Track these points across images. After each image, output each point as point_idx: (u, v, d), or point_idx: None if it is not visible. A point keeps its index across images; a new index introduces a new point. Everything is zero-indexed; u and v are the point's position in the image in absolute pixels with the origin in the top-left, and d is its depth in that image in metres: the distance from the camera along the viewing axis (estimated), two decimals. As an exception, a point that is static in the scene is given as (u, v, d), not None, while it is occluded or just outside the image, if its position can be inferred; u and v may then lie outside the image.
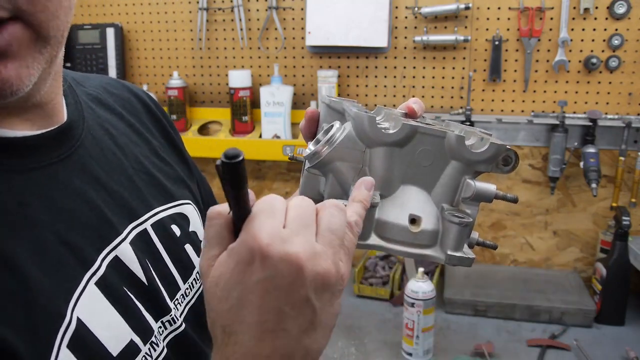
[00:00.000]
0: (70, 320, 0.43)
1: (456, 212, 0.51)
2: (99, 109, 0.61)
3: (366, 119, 0.49)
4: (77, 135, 0.52)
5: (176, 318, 0.56)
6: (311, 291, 0.38)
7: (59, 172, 0.48)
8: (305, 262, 0.37)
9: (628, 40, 1.57)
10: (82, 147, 0.52)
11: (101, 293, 0.47)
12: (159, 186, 0.62)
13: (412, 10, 1.69)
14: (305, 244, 0.38)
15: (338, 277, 0.40)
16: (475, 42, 1.68)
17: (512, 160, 0.52)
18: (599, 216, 1.70)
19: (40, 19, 0.42)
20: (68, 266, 0.45)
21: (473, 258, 0.51)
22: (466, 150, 0.51)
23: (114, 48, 1.91)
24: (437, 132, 0.50)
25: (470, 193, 0.52)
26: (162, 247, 0.58)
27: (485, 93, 1.71)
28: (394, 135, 0.49)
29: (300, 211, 0.41)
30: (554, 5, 1.60)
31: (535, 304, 1.54)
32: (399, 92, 1.78)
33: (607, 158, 1.64)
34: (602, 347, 1.41)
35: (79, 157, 0.51)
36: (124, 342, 0.48)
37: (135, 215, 0.56)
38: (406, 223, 0.51)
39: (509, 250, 1.79)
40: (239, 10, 1.80)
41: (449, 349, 1.41)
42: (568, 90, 1.65)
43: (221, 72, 1.91)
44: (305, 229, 0.39)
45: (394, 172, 0.51)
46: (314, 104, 1.79)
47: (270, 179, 1.94)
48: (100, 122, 0.59)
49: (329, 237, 0.40)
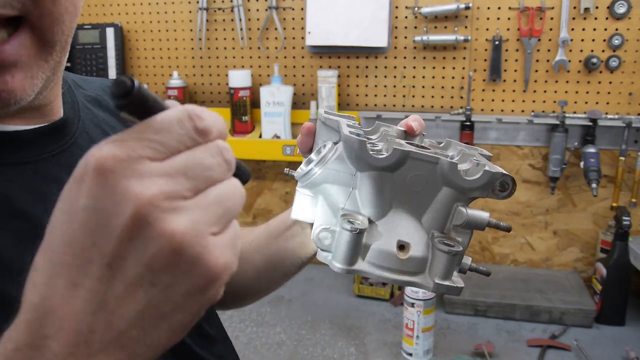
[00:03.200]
0: None
1: (446, 240, 0.50)
2: (97, 110, 0.61)
3: (356, 143, 0.48)
4: (71, 133, 0.53)
5: None
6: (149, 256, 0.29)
7: (49, 167, 0.49)
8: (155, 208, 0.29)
9: (628, 40, 1.57)
10: (75, 144, 0.53)
11: None
12: None
13: (412, 10, 1.69)
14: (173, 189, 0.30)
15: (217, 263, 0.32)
16: (475, 42, 1.68)
17: (508, 186, 0.51)
18: (599, 216, 1.70)
19: (46, 22, 0.42)
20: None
21: (461, 287, 0.50)
22: (459, 177, 0.49)
23: (113, 48, 1.91)
24: (430, 157, 0.49)
25: (461, 221, 0.51)
26: None
27: (485, 93, 1.71)
28: (384, 160, 0.48)
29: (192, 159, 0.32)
30: (554, 5, 1.60)
31: (535, 304, 1.54)
32: (399, 92, 1.78)
33: (607, 158, 1.64)
34: (602, 347, 1.41)
35: (71, 154, 0.52)
36: None
37: None
38: (394, 249, 0.49)
39: (509, 250, 1.79)
40: (239, 10, 1.80)
41: (449, 349, 1.41)
42: (568, 90, 1.65)
43: (221, 72, 1.91)
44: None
45: (384, 196, 0.50)
46: (314, 104, 1.79)
47: (270, 179, 1.94)
48: (97, 122, 0.59)
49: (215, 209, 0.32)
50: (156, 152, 0.30)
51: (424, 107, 1.77)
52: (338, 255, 0.49)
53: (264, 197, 1.94)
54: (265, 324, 1.55)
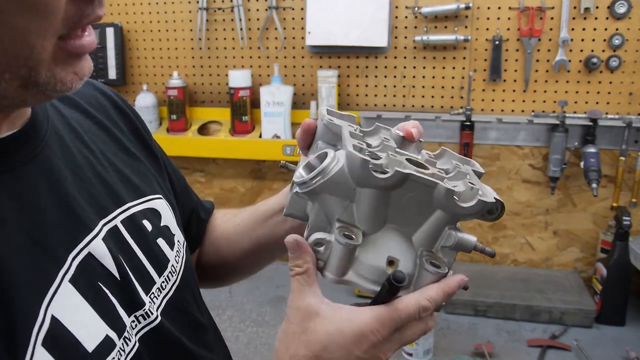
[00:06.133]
0: (44, 319, 0.44)
1: (433, 260, 0.53)
2: (64, 108, 0.60)
3: (359, 162, 0.49)
4: (41, 136, 0.52)
5: (150, 312, 0.56)
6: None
7: (25, 173, 0.48)
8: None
9: (628, 40, 1.57)
10: (47, 146, 0.52)
11: (76, 291, 0.48)
12: (129, 182, 0.62)
13: (412, 10, 1.69)
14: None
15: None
16: (475, 42, 1.68)
17: (497, 211, 0.53)
18: (599, 216, 1.70)
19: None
20: (41, 265, 0.46)
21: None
22: (455, 205, 0.51)
23: (113, 48, 1.91)
24: (429, 181, 0.50)
25: (450, 243, 0.53)
26: (134, 242, 0.58)
27: (485, 93, 1.71)
28: (385, 180, 0.49)
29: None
30: (554, 5, 1.59)
31: (535, 304, 1.54)
32: (399, 92, 1.78)
33: (607, 158, 1.64)
34: (602, 347, 1.41)
35: (45, 157, 0.51)
36: (99, 337, 0.48)
37: (106, 212, 0.56)
38: (383, 264, 0.52)
39: (509, 250, 1.79)
40: (239, 10, 1.80)
41: (449, 349, 1.41)
42: (568, 90, 1.65)
43: (221, 72, 1.91)
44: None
45: (380, 212, 0.52)
46: (314, 104, 1.79)
47: (270, 178, 1.94)
48: (65, 120, 0.58)
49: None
50: (396, 331, 0.51)
51: (424, 107, 1.77)
52: (330, 266, 0.52)
53: (264, 197, 1.94)
54: (265, 324, 1.55)
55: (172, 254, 0.63)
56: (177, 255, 0.65)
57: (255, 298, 1.68)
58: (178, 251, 0.65)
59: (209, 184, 1.98)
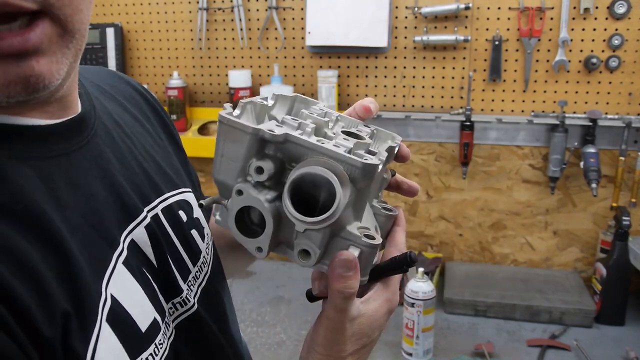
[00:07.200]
0: (106, 297, 0.46)
1: (385, 205, 0.59)
2: (104, 99, 0.62)
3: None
4: (91, 124, 0.54)
5: (187, 299, 0.58)
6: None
7: (78, 159, 0.50)
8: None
9: (628, 40, 1.57)
10: (96, 135, 0.54)
11: (129, 272, 0.49)
12: (165, 174, 0.64)
13: (412, 10, 1.69)
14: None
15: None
16: (475, 42, 1.68)
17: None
18: (599, 216, 1.70)
19: (66, 13, 0.43)
20: (98, 246, 0.47)
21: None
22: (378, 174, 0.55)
23: (114, 48, 1.91)
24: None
25: (385, 185, 0.62)
26: (172, 232, 0.59)
27: (485, 93, 1.71)
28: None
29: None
30: (554, 5, 1.60)
31: (535, 304, 1.54)
32: (399, 92, 1.78)
33: (607, 158, 1.64)
34: (602, 347, 1.41)
35: (95, 144, 0.53)
36: (149, 319, 0.50)
37: (149, 200, 0.57)
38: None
39: (509, 250, 1.79)
40: (239, 10, 1.80)
41: (449, 349, 1.41)
42: (568, 90, 1.65)
43: (221, 72, 1.91)
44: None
45: (364, 202, 0.52)
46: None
47: (270, 179, 1.93)
48: (108, 112, 0.60)
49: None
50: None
51: (424, 107, 1.77)
52: (365, 272, 0.52)
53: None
54: (265, 324, 1.55)
55: (203, 246, 0.65)
56: (207, 247, 0.66)
57: (255, 298, 1.68)
58: (208, 243, 0.67)
59: (209, 184, 1.98)
